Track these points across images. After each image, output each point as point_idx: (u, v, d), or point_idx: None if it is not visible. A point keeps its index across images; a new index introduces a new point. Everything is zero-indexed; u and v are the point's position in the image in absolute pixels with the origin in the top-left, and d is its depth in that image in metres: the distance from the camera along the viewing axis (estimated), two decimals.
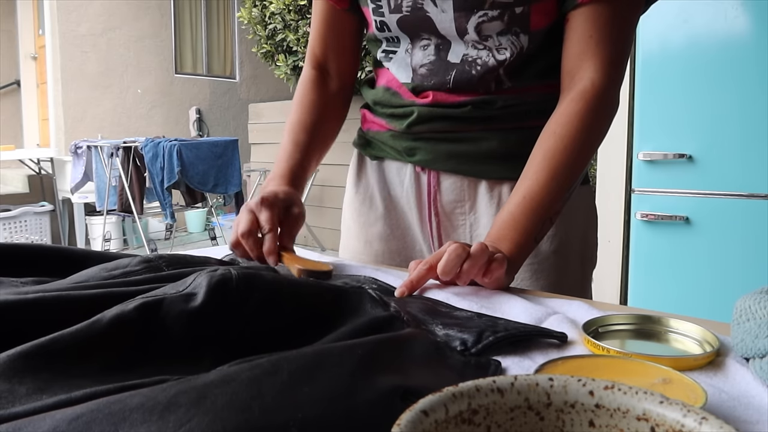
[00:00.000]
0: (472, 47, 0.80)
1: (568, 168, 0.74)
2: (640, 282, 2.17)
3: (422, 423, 0.24)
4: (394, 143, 0.90)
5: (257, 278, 0.45)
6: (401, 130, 0.88)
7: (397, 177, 0.92)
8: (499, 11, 0.76)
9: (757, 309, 0.45)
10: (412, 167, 0.90)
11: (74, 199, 4.72)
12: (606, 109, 0.77)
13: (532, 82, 0.82)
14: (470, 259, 0.64)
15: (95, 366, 0.36)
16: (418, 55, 0.84)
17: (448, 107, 0.83)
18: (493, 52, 0.80)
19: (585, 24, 0.75)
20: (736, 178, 1.96)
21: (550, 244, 0.85)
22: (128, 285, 0.50)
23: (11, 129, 6.09)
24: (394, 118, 0.89)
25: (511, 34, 0.78)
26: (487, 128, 0.83)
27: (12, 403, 0.31)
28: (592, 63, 0.75)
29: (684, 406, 0.25)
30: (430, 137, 0.86)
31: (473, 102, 0.82)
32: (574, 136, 0.74)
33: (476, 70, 0.81)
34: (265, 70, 6.59)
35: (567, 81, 0.78)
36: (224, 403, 0.29)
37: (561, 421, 0.27)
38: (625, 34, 0.77)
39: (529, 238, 0.72)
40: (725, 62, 1.95)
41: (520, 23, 0.77)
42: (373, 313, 0.48)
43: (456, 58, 0.81)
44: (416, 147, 0.87)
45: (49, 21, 5.64)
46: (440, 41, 0.82)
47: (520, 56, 0.79)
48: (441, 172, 0.87)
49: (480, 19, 0.77)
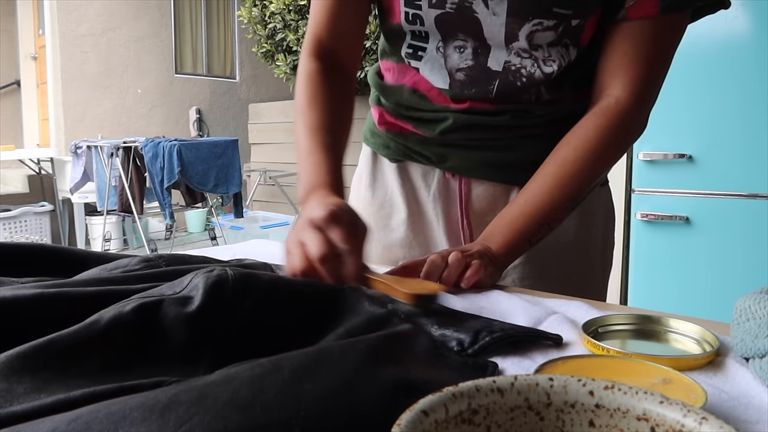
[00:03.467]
0: (515, 55, 0.76)
1: (576, 180, 0.73)
2: (640, 282, 2.17)
3: (422, 423, 0.24)
4: (421, 148, 0.86)
5: (254, 278, 0.45)
6: (431, 136, 0.83)
7: (423, 182, 0.88)
8: (555, 21, 0.72)
9: (757, 309, 0.45)
10: (440, 172, 0.86)
11: (74, 199, 4.71)
12: (627, 128, 0.75)
13: (569, 93, 0.80)
14: (447, 269, 0.65)
15: (93, 367, 0.36)
16: (453, 57, 0.79)
17: (485, 115, 0.80)
18: (539, 63, 0.76)
19: (622, 41, 0.73)
20: (737, 178, 1.96)
21: (575, 250, 0.85)
22: (127, 282, 0.50)
23: (11, 129, 6.09)
24: (422, 122, 0.84)
25: (561, 46, 0.75)
26: (522, 135, 0.81)
27: (10, 402, 0.31)
28: (621, 81, 0.74)
29: (684, 406, 0.25)
30: (464, 144, 0.83)
31: (512, 111, 0.79)
32: (587, 150, 0.73)
33: (521, 81, 0.77)
34: (265, 70, 6.59)
35: (595, 95, 0.76)
36: (225, 401, 0.29)
37: (561, 421, 0.27)
38: (662, 55, 0.75)
39: (522, 240, 0.73)
40: (725, 62, 1.95)
41: (571, 36, 0.74)
42: (371, 311, 0.48)
43: (497, 65, 0.77)
44: (448, 153, 0.84)
45: (49, 21, 5.64)
46: (478, 44, 0.77)
47: (565, 69, 0.77)
48: (473, 178, 0.85)
49: (534, 27, 0.73)
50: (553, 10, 0.71)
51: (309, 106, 0.80)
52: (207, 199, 4.42)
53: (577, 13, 0.72)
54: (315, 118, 0.78)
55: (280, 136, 5.25)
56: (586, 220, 0.86)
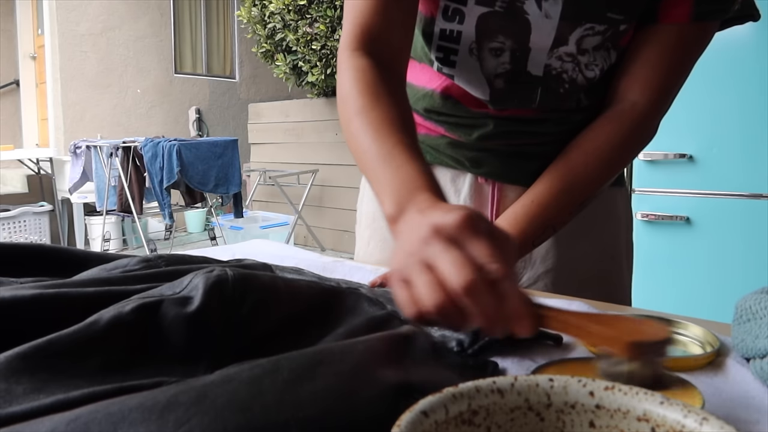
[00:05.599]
0: (556, 59, 0.73)
1: (584, 184, 0.73)
2: (640, 282, 2.16)
3: (422, 424, 0.24)
4: (453, 152, 0.82)
5: (254, 279, 0.45)
6: (467, 141, 0.80)
7: (453, 186, 0.84)
8: (605, 26, 0.70)
9: (757, 309, 0.44)
10: (472, 177, 0.83)
11: (73, 199, 4.71)
12: (639, 135, 0.74)
13: (602, 96, 0.77)
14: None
15: (93, 367, 0.36)
16: (489, 60, 0.74)
17: (527, 122, 0.78)
18: (581, 68, 0.74)
19: (647, 45, 0.72)
20: (737, 178, 1.96)
21: (605, 253, 0.85)
22: (126, 282, 0.50)
23: (10, 129, 6.08)
24: (457, 127, 0.80)
25: (604, 50, 0.73)
26: (560, 140, 0.78)
27: (9, 402, 0.30)
28: (639, 86, 0.72)
29: (684, 407, 0.25)
30: (502, 150, 0.80)
31: (553, 119, 0.78)
32: (596, 154, 0.72)
33: (563, 88, 0.75)
34: (264, 70, 6.59)
35: (611, 97, 0.75)
36: (225, 402, 0.29)
37: (561, 422, 0.27)
38: (683, 65, 0.74)
39: (525, 241, 0.72)
40: (725, 62, 1.95)
41: (613, 39, 0.72)
42: (371, 313, 0.48)
43: (537, 69, 0.74)
44: (484, 158, 0.81)
45: (49, 21, 5.64)
46: (517, 47, 0.73)
47: (605, 73, 0.75)
48: (506, 184, 0.82)
49: (585, 32, 0.70)
50: (607, 15, 0.69)
51: (371, 104, 0.64)
52: (207, 199, 4.41)
53: (627, 19, 0.70)
54: (383, 117, 0.62)
55: (280, 136, 5.25)
56: (612, 221, 0.85)
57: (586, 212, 0.78)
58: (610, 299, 0.66)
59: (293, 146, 5.13)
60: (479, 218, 0.42)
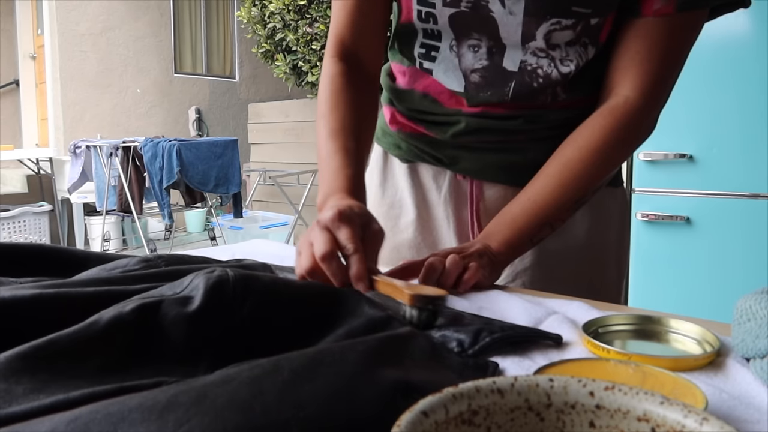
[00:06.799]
0: (531, 54, 0.74)
1: (580, 180, 0.73)
2: (640, 282, 2.17)
3: (422, 424, 0.24)
4: (433, 149, 0.85)
5: (254, 279, 0.45)
6: (443, 138, 0.83)
7: (434, 183, 0.87)
8: (573, 20, 0.70)
9: (758, 309, 0.44)
10: (451, 174, 0.86)
11: (73, 199, 4.71)
12: (634, 129, 0.74)
13: (584, 93, 0.78)
14: (444, 272, 0.65)
15: (93, 367, 0.36)
16: (467, 57, 0.77)
17: (498, 119, 0.79)
18: (556, 63, 0.74)
19: (635, 39, 0.72)
20: (737, 178, 1.96)
21: (587, 254, 0.84)
22: (126, 282, 0.50)
23: (10, 129, 6.08)
24: (434, 125, 0.83)
25: (580, 45, 0.74)
26: (534, 138, 0.80)
27: (9, 402, 0.30)
28: (631, 80, 0.72)
29: (685, 407, 0.25)
30: (477, 147, 0.82)
31: (525, 115, 0.78)
32: (592, 150, 0.72)
33: (537, 82, 0.75)
34: (264, 70, 6.59)
35: (604, 93, 0.75)
36: (225, 403, 0.29)
37: (561, 422, 0.27)
38: (675, 56, 0.73)
39: (523, 239, 0.72)
40: (725, 62, 1.95)
41: (590, 35, 0.73)
42: (371, 314, 0.48)
43: (512, 65, 0.75)
44: (460, 156, 0.83)
45: (48, 20, 5.64)
46: (493, 44, 0.75)
47: (582, 68, 0.75)
48: (484, 181, 0.84)
49: (552, 27, 0.71)
50: (572, 8, 0.69)
51: (330, 109, 0.78)
52: (206, 199, 4.41)
53: (596, 12, 0.70)
54: (336, 122, 0.76)
55: (280, 136, 5.24)
56: (600, 222, 0.85)
57: None
58: (592, 299, 0.66)
59: (293, 146, 5.13)
60: (354, 213, 0.61)
